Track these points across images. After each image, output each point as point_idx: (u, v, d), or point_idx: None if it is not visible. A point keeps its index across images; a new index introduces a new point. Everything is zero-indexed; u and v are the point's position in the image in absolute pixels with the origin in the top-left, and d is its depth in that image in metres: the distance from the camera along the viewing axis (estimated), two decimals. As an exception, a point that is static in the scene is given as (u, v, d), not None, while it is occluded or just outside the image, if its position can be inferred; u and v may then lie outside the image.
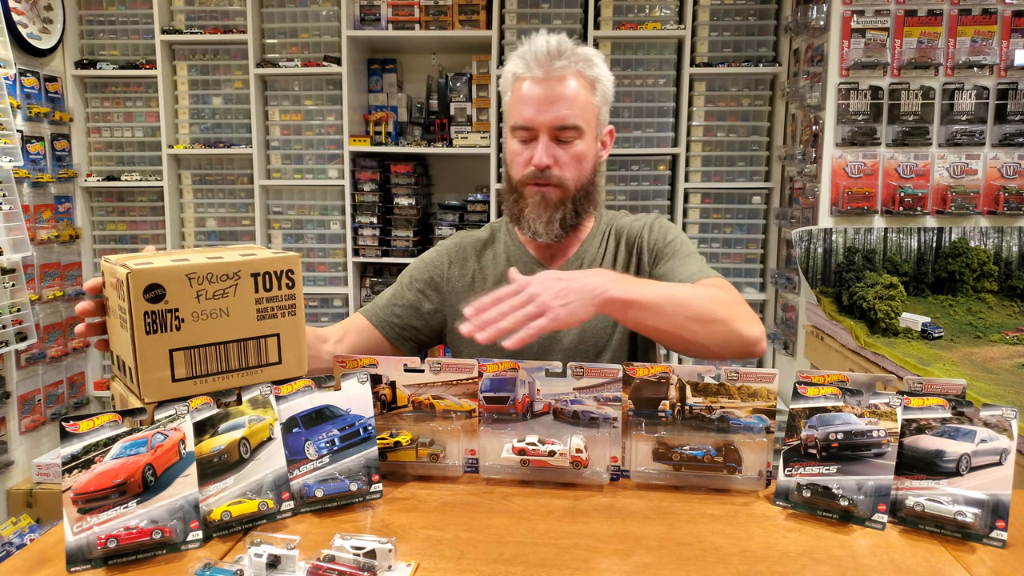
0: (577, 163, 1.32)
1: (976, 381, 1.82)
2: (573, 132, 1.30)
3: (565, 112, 1.28)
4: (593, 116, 1.33)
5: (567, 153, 1.31)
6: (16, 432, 2.99)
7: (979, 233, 2.63)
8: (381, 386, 1.07)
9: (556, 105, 1.28)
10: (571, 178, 1.33)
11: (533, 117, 1.29)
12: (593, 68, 1.32)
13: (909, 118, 2.64)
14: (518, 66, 1.32)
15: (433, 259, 1.48)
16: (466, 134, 3.22)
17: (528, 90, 1.30)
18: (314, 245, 3.33)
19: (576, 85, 1.29)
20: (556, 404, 1.05)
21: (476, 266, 1.45)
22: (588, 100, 1.31)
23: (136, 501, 0.83)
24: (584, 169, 1.34)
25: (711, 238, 3.19)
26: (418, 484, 1.04)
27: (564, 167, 1.31)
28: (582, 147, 1.32)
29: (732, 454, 1.00)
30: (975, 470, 0.90)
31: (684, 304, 1.13)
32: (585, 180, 1.35)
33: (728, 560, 0.83)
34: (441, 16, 3.13)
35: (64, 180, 3.25)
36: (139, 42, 3.30)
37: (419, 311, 1.43)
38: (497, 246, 1.47)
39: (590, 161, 1.35)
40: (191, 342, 0.90)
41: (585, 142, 1.32)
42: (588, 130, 1.32)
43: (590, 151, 1.34)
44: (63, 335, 3.23)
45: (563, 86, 1.28)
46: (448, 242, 1.51)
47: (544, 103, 1.28)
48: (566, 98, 1.28)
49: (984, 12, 2.58)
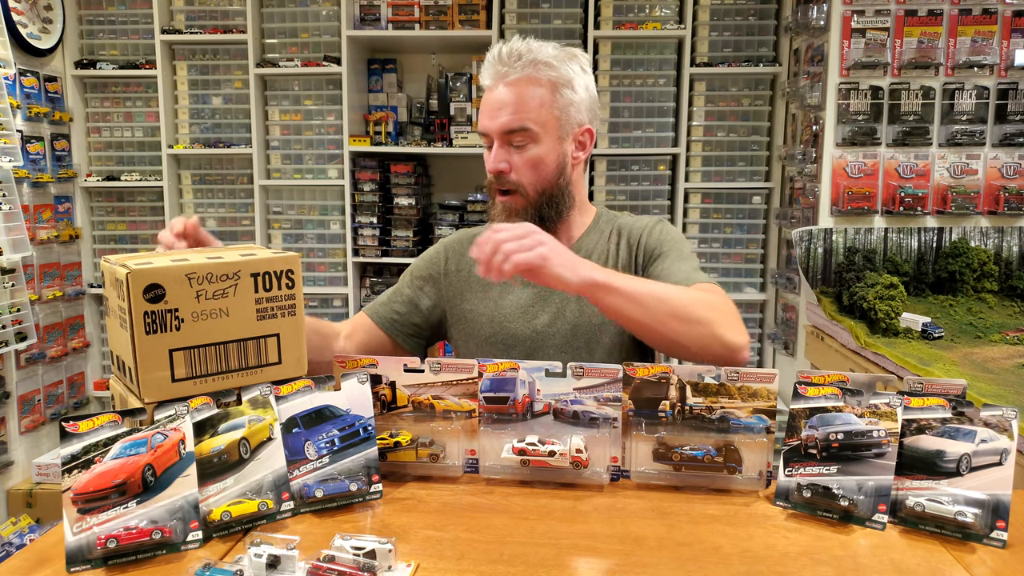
0: (532, 167, 1.31)
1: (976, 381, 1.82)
2: (523, 136, 1.29)
3: (508, 117, 1.28)
4: (550, 117, 1.31)
5: (522, 157, 1.31)
6: (16, 432, 2.99)
7: (979, 233, 2.63)
8: (381, 386, 1.07)
9: (502, 111, 1.29)
10: (528, 183, 1.32)
11: (486, 124, 1.31)
12: (551, 70, 1.30)
13: (909, 118, 2.64)
14: (482, 75, 1.35)
15: (432, 256, 1.50)
16: (466, 134, 3.22)
17: (484, 98, 1.33)
18: (314, 245, 3.33)
19: (529, 90, 1.29)
20: (556, 404, 1.05)
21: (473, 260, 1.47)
22: (545, 102, 1.30)
23: (136, 501, 0.83)
24: (543, 173, 1.32)
25: (711, 238, 3.19)
26: (418, 484, 1.03)
27: (519, 171, 1.31)
28: (538, 151, 1.31)
29: (732, 454, 1.00)
30: (975, 470, 0.90)
31: (665, 300, 1.13)
32: (546, 184, 1.34)
33: (728, 560, 0.83)
34: (441, 16, 3.13)
35: (64, 180, 3.25)
36: (139, 42, 3.30)
37: (418, 307, 1.45)
38: None
39: (551, 164, 1.33)
40: (191, 342, 0.89)
41: (542, 146, 1.31)
42: (545, 132, 1.31)
43: (550, 154, 1.32)
44: (63, 335, 3.23)
45: (510, 91, 1.29)
46: (448, 238, 1.53)
47: (493, 109, 1.30)
48: (511, 103, 1.28)
49: (984, 12, 2.58)
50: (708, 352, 1.15)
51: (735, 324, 1.17)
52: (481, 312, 1.41)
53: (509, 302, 1.40)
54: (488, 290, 1.42)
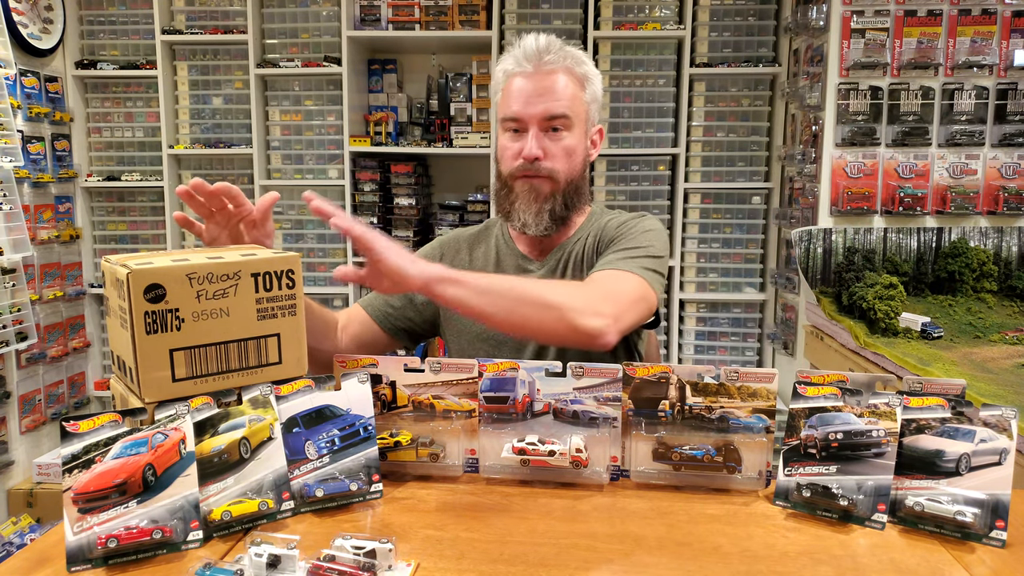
0: (567, 156, 1.34)
1: (976, 381, 1.82)
2: (562, 122, 1.32)
3: (553, 104, 1.31)
4: (582, 111, 1.35)
5: (557, 145, 1.33)
6: (16, 432, 2.99)
7: (979, 233, 2.63)
8: (381, 386, 1.07)
9: (545, 97, 1.31)
10: (561, 170, 1.34)
11: (522, 110, 1.32)
12: (582, 66, 1.35)
13: (909, 118, 2.64)
14: (508, 63, 1.35)
15: (427, 253, 1.52)
16: (466, 134, 3.22)
17: (518, 85, 1.33)
18: (314, 245, 3.33)
19: (565, 79, 1.32)
20: (556, 404, 1.05)
21: (467, 258, 1.48)
22: (577, 95, 1.34)
23: (136, 501, 0.83)
24: (574, 163, 1.35)
25: (711, 238, 3.19)
26: (418, 484, 1.04)
27: (554, 159, 1.33)
28: (571, 140, 1.34)
29: (732, 454, 1.00)
30: (975, 470, 0.90)
31: (513, 287, 1.10)
32: (575, 174, 1.36)
33: (728, 560, 0.83)
34: (441, 16, 3.13)
35: (64, 180, 3.25)
36: (139, 42, 3.30)
37: (412, 302, 1.45)
38: (489, 241, 1.50)
39: (579, 156, 1.36)
40: (191, 342, 0.90)
41: (574, 136, 1.35)
42: (577, 124, 1.35)
43: (579, 145, 1.36)
44: (63, 335, 3.23)
45: (552, 79, 1.31)
46: (444, 237, 1.55)
47: (533, 96, 1.31)
48: (555, 91, 1.31)
49: (984, 12, 2.58)
50: (559, 336, 1.13)
51: (598, 309, 1.11)
52: None
53: None
54: None
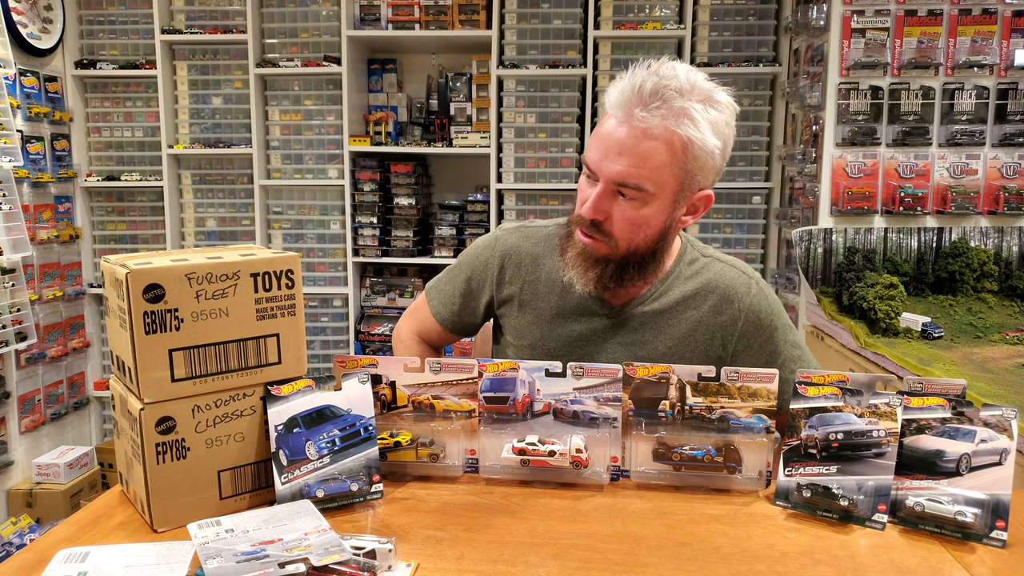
0: (633, 226, 1.16)
1: (976, 381, 1.82)
2: (636, 193, 1.13)
3: (624, 169, 1.11)
4: (671, 182, 1.14)
5: (623, 213, 1.15)
6: (16, 432, 2.98)
7: (979, 233, 2.63)
8: (381, 386, 1.07)
9: (623, 158, 1.11)
10: (622, 239, 1.17)
11: (597, 161, 1.14)
12: (691, 125, 1.11)
13: (909, 118, 2.64)
14: (611, 95, 1.16)
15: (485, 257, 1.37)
16: (466, 134, 3.22)
17: (605, 129, 1.15)
18: (314, 245, 3.33)
19: (655, 145, 1.11)
20: (556, 404, 1.05)
21: (533, 276, 1.33)
22: (666, 164, 1.12)
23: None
24: (643, 234, 1.17)
25: (711, 238, 3.19)
26: (418, 484, 1.04)
27: (617, 226, 1.16)
28: (645, 212, 1.15)
29: (732, 454, 1.00)
30: (975, 470, 0.90)
31: None
32: (640, 245, 1.18)
33: (728, 560, 0.83)
34: (441, 16, 3.13)
35: (64, 180, 3.25)
36: (139, 42, 3.30)
37: (476, 313, 1.40)
38: (554, 258, 1.32)
39: (654, 228, 1.17)
40: (191, 342, 0.90)
41: (652, 207, 1.15)
42: (660, 195, 1.14)
43: (657, 217, 1.16)
44: (63, 335, 3.23)
45: (638, 141, 1.11)
46: (506, 241, 1.36)
47: (612, 151, 1.12)
48: (634, 153, 1.11)
49: (984, 12, 2.58)
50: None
51: None
52: (528, 331, 1.33)
53: (559, 334, 1.30)
54: (541, 315, 1.32)
